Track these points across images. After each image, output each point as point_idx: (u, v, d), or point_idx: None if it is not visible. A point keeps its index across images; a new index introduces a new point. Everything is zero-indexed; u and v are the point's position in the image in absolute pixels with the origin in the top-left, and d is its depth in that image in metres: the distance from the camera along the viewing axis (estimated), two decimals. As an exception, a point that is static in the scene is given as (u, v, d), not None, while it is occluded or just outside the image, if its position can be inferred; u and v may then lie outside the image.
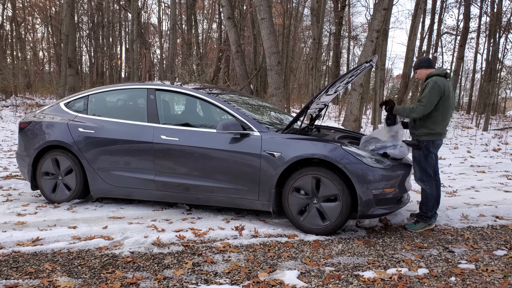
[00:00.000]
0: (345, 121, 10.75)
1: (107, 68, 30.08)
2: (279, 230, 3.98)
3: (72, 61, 14.26)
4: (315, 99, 4.25)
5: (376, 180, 3.81)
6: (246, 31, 20.84)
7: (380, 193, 3.83)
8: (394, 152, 4.08)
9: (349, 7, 27.71)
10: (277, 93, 9.38)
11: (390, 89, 36.08)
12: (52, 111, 5.08)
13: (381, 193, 3.83)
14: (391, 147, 4.09)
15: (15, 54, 24.09)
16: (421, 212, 4.15)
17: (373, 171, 3.82)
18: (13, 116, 14.87)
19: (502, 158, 9.16)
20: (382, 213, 3.94)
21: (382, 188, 3.84)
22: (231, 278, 2.98)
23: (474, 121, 18.12)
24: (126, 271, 3.05)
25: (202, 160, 4.28)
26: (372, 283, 2.95)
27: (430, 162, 4.08)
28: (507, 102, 27.57)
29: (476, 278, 3.08)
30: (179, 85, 4.99)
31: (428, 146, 4.04)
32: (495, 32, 16.45)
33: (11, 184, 5.71)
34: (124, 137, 4.56)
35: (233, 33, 11.84)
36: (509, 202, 5.24)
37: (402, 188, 4.11)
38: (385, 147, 4.11)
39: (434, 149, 4.07)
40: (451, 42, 25.77)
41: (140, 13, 22.71)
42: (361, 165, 3.80)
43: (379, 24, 9.62)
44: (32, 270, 3.03)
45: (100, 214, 4.49)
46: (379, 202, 3.84)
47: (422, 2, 14.94)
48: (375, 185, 3.80)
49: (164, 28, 28.89)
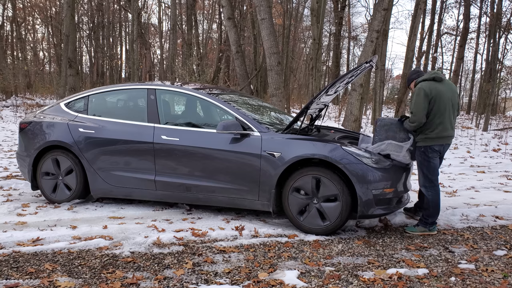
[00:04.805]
0: (345, 121, 10.75)
1: (107, 69, 30.10)
2: (279, 230, 3.98)
3: (73, 61, 14.27)
4: (315, 99, 4.25)
5: (376, 180, 3.81)
6: (246, 31, 20.85)
7: (380, 193, 3.83)
8: (397, 158, 4.04)
9: (349, 7, 27.72)
10: (277, 93, 9.39)
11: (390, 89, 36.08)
12: (52, 111, 5.09)
13: (381, 193, 3.83)
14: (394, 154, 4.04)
15: (16, 54, 24.11)
16: (422, 217, 4.13)
17: (373, 171, 3.82)
18: (14, 116, 14.88)
19: (502, 158, 9.17)
20: (382, 213, 3.95)
21: (382, 188, 3.84)
22: (231, 278, 2.99)
23: (474, 121, 18.12)
24: (126, 271, 3.05)
25: (202, 160, 4.28)
26: (372, 283, 2.95)
27: (431, 168, 4.00)
28: (507, 102, 27.60)
29: (476, 278, 3.08)
30: (179, 85, 5.00)
31: (426, 152, 3.98)
32: (495, 32, 16.46)
33: (11, 184, 5.71)
34: (125, 137, 4.57)
35: (233, 33, 11.85)
36: (509, 202, 5.25)
37: (402, 188, 4.11)
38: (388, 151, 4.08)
39: (432, 154, 3.97)
40: (451, 42, 25.82)
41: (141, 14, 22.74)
42: (361, 165, 3.80)
43: (379, 24, 9.63)
44: (33, 270, 3.03)
45: (101, 214, 4.49)
46: (379, 202, 3.84)
47: (422, 3, 14.93)
48: (375, 185, 3.80)
49: (164, 29, 28.91)
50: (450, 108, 3.99)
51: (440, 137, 3.96)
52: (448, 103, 3.96)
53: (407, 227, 4.19)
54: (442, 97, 3.92)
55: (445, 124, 3.96)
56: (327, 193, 3.87)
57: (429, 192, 4.04)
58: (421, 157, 4.03)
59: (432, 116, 3.92)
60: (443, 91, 3.95)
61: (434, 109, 3.91)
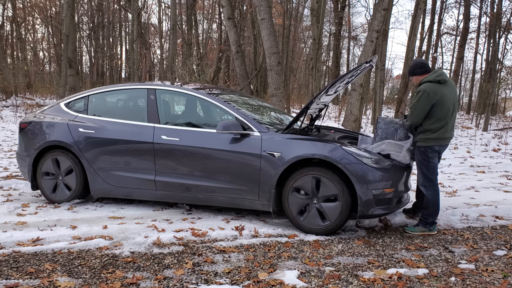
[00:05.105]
0: (345, 121, 10.75)
1: (107, 68, 30.09)
2: (279, 230, 3.98)
3: (73, 61, 14.26)
4: (315, 99, 4.25)
5: (376, 180, 3.81)
6: (246, 31, 20.85)
7: (380, 193, 3.83)
8: (397, 158, 4.04)
9: (349, 7, 27.71)
10: (277, 93, 9.39)
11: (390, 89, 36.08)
12: (52, 111, 5.09)
13: (381, 193, 3.84)
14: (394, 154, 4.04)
15: (16, 54, 24.09)
16: (422, 217, 4.13)
17: (373, 171, 3.82)
18: (14, 116, 14.88)
19: (502, 158, 9.17)
20: (382, 213, 3.95)
21: (382, 188, 3.84)
22: (231, 278, 2.99)
23: (474, 121, 18.12)
24: (126, 271, 3.06)
25: (202, 160, 4.28)
26: (372, 283, 2.95)
27: (430, 167, 4.02)
28: (507, 102, 27.60)
29: (476, 278, 3.08)
30: (179, 85, 5.00)
31: (425, 152, 3.99)
32: (495, 32, 16.45)
33: (11, 184, 5.71)
34: (125, 137, 4.57)
35: (233, 33, 11.85)
36: (509, 202, 5.25)
37: (403, 188, 4.11)
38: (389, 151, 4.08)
39: (432, 154, 3.99)
40: (451, 42, 25.81)
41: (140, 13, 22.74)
42: (361, 165, 3.80)
43: (379, 24, 9.63)
44: (33, 270, 3.03)
45: (100, 214, 4.49)
46: (379, 202, 3.84)
47: (422, 3, 14.92)
48: (375, 185, 3.80)
49: (164, 29, 28.91)
50: (452, 110, 4.00)
51: (441, 138, 3.98)
52: (450, 106, 3.96)
53: (407, 227, 4.19)
54: (445, 100, 3.91)
55: (447, 126, 3.98)
56: (327, 193, 3.87)
57: (428, 192, 4.05)
58: (421, 157, 4.03)
59: (435, 119, 3.92)
60: (447, 95, 3.93)
61: (437, 112, 3.91)
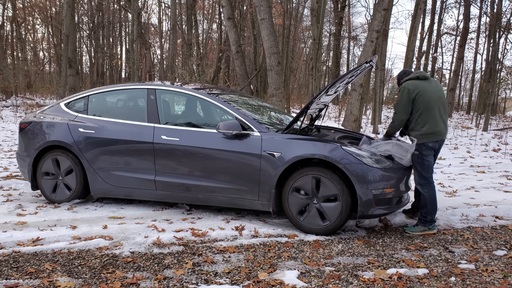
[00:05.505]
0: (345, 121, 10.75)
1: (107, 68, 30.08)
2: (279, 230, 3.98)
3: (73, 61, 14.26)
4: (315, 99, 4.25)
5: (376, 180, 3.81)
6: (246, 31, 20.85)
7: (380, 193, 3.83)
8: (400, 161, 4.05)
9: (349, 7, 27.70)
10: (277, 93, 9.39)
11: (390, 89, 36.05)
12: (52, 111, 5.09)
13: (381, 193, 3.84)
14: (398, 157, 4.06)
15: (16, 54, 24.09)
16: (421, 216, 4.14)
17: (373, 171, 3.82)
18: (14, 116, 14.88)
19: (502, 158, 9.17)
20: (382, 213, 3.95)
21: (382, 188, 3.84)
22: (231, 278, 2.99)
23: (474, 121, 18.11)
24: (126, 271, 3.06)
25: (202, 160, 4.29)
26: (372, 283, 2.95)
27: (425, 165, 4.03)
28: (507, 102, 27.59)
29: (476, 278, 3.08)
30: (179, 85, 5.00)
31: (419, 149, 4.01)
32: (495, 33, 16.45)
33: (11, 184, 5.71)
34: (125, 137, 4.57)
35: (233, 33, 11.85)
36: (509, 202, 5.25)
37: (403, 188, 4.11)
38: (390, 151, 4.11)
39: (426, 151, 4.00)
40: (451, 42, 25.83)
41: (141, 14, 22.74)
42: (361, 165, 3.80)
43: (379, 24, 9.63)
44: (33, 270, 3.03)
45: (100, 214, 4.49)
46: (379, 202, 3.84)
47: (422, 3, 14.93)
48: (375, 185, 3.80)
49: (164, 29, 28.90)
50: (440, 105, 4.04)
51: (431, 133, 3.99)
52: (435, 99, 4.01)
53: (407, 227, 4.19)
54: (426, 92, 3.98)
55: (436, 119, 4.01)
56: (327, 193, 3.87)
57: (425, 190, 4.07)
58: (415, 155, 4.05)
59: (420, 111, 3.97)
60: (428, 88, 4.02)
61: (420, 104, 3.96)
